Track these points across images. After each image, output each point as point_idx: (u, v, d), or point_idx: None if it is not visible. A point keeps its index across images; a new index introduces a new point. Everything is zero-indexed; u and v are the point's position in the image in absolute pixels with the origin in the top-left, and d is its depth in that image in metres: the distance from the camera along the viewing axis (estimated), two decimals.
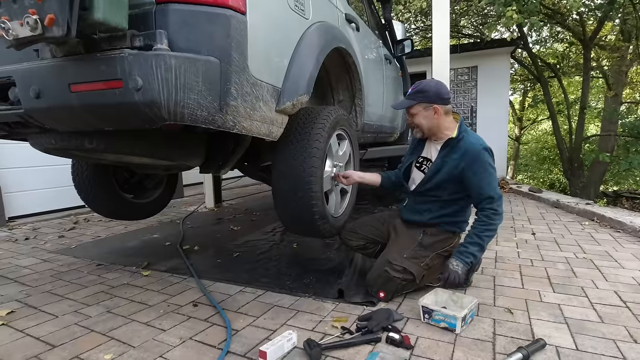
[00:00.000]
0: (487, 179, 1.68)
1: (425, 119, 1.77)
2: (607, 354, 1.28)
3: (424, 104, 1.74)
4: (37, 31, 0.96)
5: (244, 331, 1.48)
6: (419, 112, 1.76)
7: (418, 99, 1.75)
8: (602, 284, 1.90)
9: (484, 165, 1.68)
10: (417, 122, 1.79)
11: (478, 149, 1.69)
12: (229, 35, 1.22)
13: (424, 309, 1.51)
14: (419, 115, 1.77)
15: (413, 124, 1.82)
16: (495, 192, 1.68)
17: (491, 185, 1.68)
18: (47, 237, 3.17)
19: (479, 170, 1.68)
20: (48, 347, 1.40)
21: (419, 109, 1.76)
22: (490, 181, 1.68)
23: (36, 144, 1.67)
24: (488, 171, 1.68)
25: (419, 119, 1.77)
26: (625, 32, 7.72)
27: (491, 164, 1.70)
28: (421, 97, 1.74)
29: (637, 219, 3.00)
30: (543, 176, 15.99)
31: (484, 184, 1.68)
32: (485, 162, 1.68)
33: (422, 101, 1.74)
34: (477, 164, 1.68)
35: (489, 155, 1.70)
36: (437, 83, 1.79)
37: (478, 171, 1.68)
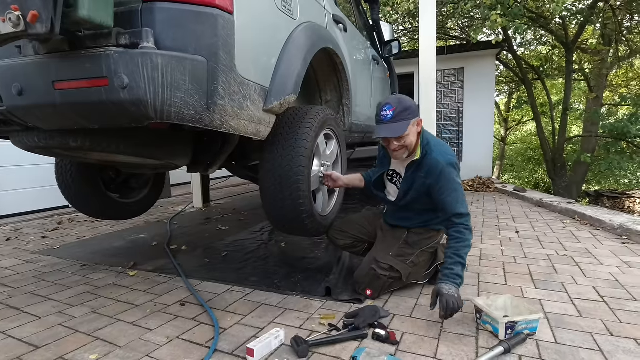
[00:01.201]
0: (453, 195, 1.59)
1: (414, 135, 1.65)
2: (585, 346, 1.33)
3: (413, 120, 1.62)
4: (19, 27, 0.95)
5: (231, 329, 1.48)
6: (410, 131, 1.62)
7: (409, 117, 1.60)
8: (582, 280, 1.96)
9: (449, 182, 1.60)
10: (408, 142, 1.64)
11: (442, 166, 1.61)
12: (216, 34, 1.22)
13: (507, 325, 1.39)
14: (411, 134, 1.63)
15: (402, 146, 1.65)
16: (463, 208, 1.59)
17: (459, 202, 1.59)
18: (29, 238, 3.11)
19: (445, 187, 1.60)
20: (31, 348, 1.38)
21: (411, 129, 1.61)
22: (456, 197, 1.59)
23: (18, 142, 1.64)
24: (453, 187, 1.60)
25: (410, 138, 1.63)
26: (605, 36, 7.96)
27: (456, 179, 1.62)
28: (410, 114, 1.60)
29: (616, 218, 3.10)
30: (528, 176, 16.34)
31: (452, 201, 1.59)
32: (450, 179, 1.61)
33: (413, 117, 1.61)
34: (442, 182, 1.61)
35: (453, 170, 1.63)
36: (404, 96, 1.70)
37: (444, 189, 1.61)
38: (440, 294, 1.44)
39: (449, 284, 1.47)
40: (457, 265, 1.53)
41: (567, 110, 8.33)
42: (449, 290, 1.45)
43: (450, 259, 1.54)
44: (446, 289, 1.45)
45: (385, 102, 1.64)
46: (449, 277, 1.50)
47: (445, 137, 7.33)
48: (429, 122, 3.11)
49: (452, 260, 1.53)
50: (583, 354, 1.28)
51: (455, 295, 1.44)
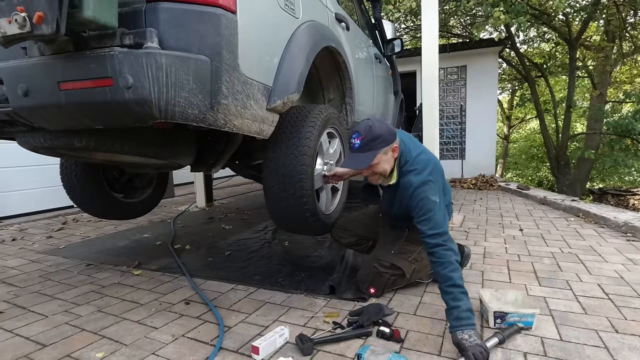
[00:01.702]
0: (424, 217, 1.47)
1: (387, 162, 1.58)
2: (590, 343, 1.33)
3: (384, 149, 1.54)
4: (25, 29, 0.96)
5: (236, 328, 1.49)
6: (380, 160, 1.55)
7: (378, 147, 1.52)
8: (586, 277, 1.96)
9: (420, 203, 1.49)
10: (379, 170, 1.58)
11: (413, 188, 1.51)
12: (219, 33, 1.23)
13: (496, 314, 1.41)
14: (382, 163, 1.56)
15: (374, 173, 1.60)
16: (437, 228, 1.44)
17: (431, 222, 1.45)
18: (34, 238, 3.13)
19: (416, 209, 1.50)
20: (38, 346, 1.39)
21: (380, 157, 1.54)
22: (429, 219, 1.46)
23: (24, 143, 1.66)
24: (426, 209, 1.47)
25: (381, 166, 1.57)
26: (609, 33, 7.90)
27: (430, 198, 1.49)
28: (379, 143, 1.52)
29: (620, 215, 3.08)
30: (531, 174, 16.28)
31: (424, 223, 1.47)
32: (420, 200, 1.49)
33: (383, 147, 1.53)
34: (413, 203, 1.51)
35: (426, 188, 1.50)
36: (377, 122, 1.58)
37: (415, 210, 1.50)
38: (463, 349, 1.24)
39: (465, 331, 1.27)
40: (458, 299, 1.34)
41: (571, 108, 8.30)
42: (469, 338, 1.25)
43: (448, 294, 1.36)
44: (466, 338, 1.26)
45: (355, 129, 1.57)
46: (460, 319, 1.30)
47: (448, 135, 7.32)
48: (432, 120, 3.11)
49: (451, 296, 1.35)
50: (588, 351, 1.28)
51: (477, 342, 1.25)
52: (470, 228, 3.10)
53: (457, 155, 7.23)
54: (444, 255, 1.39)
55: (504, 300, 1.56)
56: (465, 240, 2.74)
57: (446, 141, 7.34)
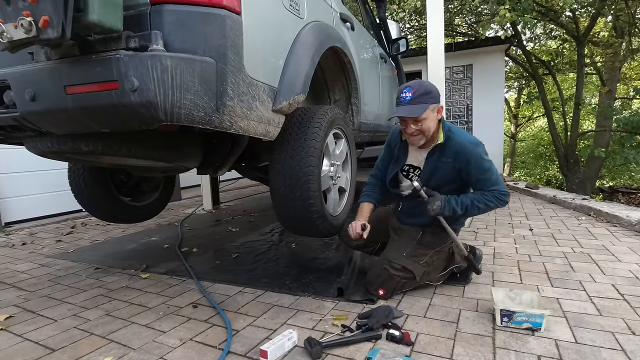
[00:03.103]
0: (487, 174, 1.63)
1: (432, 121, 1.62)
2: (606, 346, 1.29)
3: (432, 106, 1.59)
4: (31, 33, 0.96)
5: (244, 331, 1.48)
6: (428, 116, 1.59)
7: (429, 100, 1.57)
8: (600, 277, 1.91)
9: (480, 161, 1.62)
10: (425, 127, 1.61)
11: (469, 147, 1.62)
12: (224, 35, 1.22)
13: (503, 312, 1.42)
14: (429, 120, 1.59)
15: (419, 131, 1.62)
16: (499, 184, 1.64)
17: (491, 180, 1.64)
18: (44, 242, 3.16)
19: (477, 168, 1.63)
20: (48, 351, 1.39)
21: (429, 113, 1.58)
22: (490, 176, 1.64)
23: (32, 147, 1.66)
24: (486, 167, 1.63)
25: (428, 123, 1.60)
26: (618, 29, 7.78)
27: (486, 158, 1.64)
28: (430, 98, 1.58)
29: (633, 213, 3.02)
30: (540, 173, 16.08)
31: (486, 179, 1.64)
32: (480, 158, 1.62)
33: (432, 102, 1.58)
34: (472, 163, 1.62)
35: (481, 150, 1.64)
36: (428, 82, 1.69)
37: (476, 169, 1.63)
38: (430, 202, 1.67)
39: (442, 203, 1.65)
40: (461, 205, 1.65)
41: (579, 105, 8.18)
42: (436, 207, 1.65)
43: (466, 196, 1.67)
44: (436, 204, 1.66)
45: (406, 84, 1.64)
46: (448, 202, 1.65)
47: None
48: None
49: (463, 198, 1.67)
50: (605, 354, 1.25)
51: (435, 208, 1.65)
52: (479, 228, 3.06)
53: None
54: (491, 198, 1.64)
55: (519, 300, 1.53)
56: (474, 240, 2.70)
57: None
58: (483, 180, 1.64)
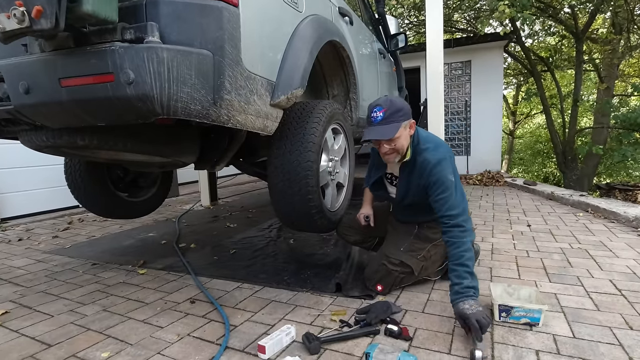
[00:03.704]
0: (442, 196, 1.49)
1: (405, 139, 1.56)
2: (604, 341, 1.29)
3: (405, 123, 1.52)
4: (24, 23, 0.94)
5: (242, 326, 1.47)
6: (401, 134, 1.52)
7: (400, 119, 1.51)
8: (598, 273, 1.92)
9: (438, 181, 1.51)
10: (399, 145, 1.55)
11: (431, 165, 1.53)
12: (221, 27, 1.20)
13: (501, 307, 1.41)
14: (402, 138, 1.54)
15: (393, 150, 1.56)
16: (455, 209, 1.47)
17: (448, 202, 1.48)
18: (40, 238, 3.14)
19: (434, 187, 1.52)
20: (44, 346, 1.38)
21: (402, 131, 1.52)
22: (446, 198, 1.48)
23: (27, 141, 1.64)
24: (444, 187, 1.49)
25: (401, 141, 1.54)
26: (616, 25, 7.77)
27: (447, 177, 1.51)
28: (401, 116, 1.51)
29: (630, 210, 3.03)
30: (537, 169, 16.14)
31: (442, 202, 1.49)
32: (439, 178, 1.51)
33: (404, 120, 1.52)
34: (431, 181, 1.53)
35: (444, 167, 1.52)
36: (396, 97, 1.61)
37: (433, 189, 1.52)
38: (466, 317, 1.28)
39: (466, 300, 1.32)
40: (464, 276, 1.38)
41: (578, 102, 8.18)
42: (471, 307, 1.29)
43: (453, 271, 1.40)
44: (467, 307, 1.29)
45: (375, 103, 1.55)
46: (460, 293, 1.35)
47: (452, 131, 7.25)
48: (437, 116, 3.06)
49: (457, 273, 1.39)
50: (602, 348, 1.25)
51: (479, 308, 1.29)
52: (477, 224, 3.06)
53: (462, 152, 7.17)
54: (459, 236, 1.43)
55: (517, 296, 1.53)
56: None
57: (451, 137, 7.28)
58: (440, 200, 1.49)
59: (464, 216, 1.47)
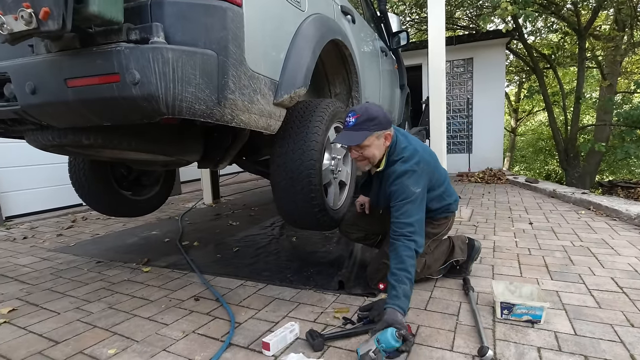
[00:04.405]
0: (398, 204, 1.48)
1: (377, 148, 1.55)
2: (605, 338, 1.30)
3: (377, 133, 1.52)
4: (31, 25, 0.95)
5: (246, 324, 1.49)
6: (372, 143, 1.53)
7: (372, 128, 1.50)
8: (599, 270, 1.92)
9: (400, 190, 1.49)
10: (368, 154, 1.55)
11: (395, 175, 1.52)
12: (225, 27, 1.21)
13: (503, 304, 1.43)
14: (372, 147, 1.53)
15: (363, 157, 1.57)
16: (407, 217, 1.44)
17: (403, 210, 1.46)
18: (45, 236, 3.16)
19: (393, 195, 1.51)
20: (51, 343, 1.40)
21: (371, 140, 1.52)
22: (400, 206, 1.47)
23: (33, 141, 1.66)
24: (404, 195, 1.47)
25: (371, 150, 1.54)
26: (619, 22, 7.74)
27: (410, 187, 1.48)
28: (374, 125, 1.50)
29: (632, 207, 3.03)
30: (539, 167, 16.11)
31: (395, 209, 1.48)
32: (399, 187, 1.49)
33: (377, 129, 1.51)
34: (394, 189, 1.52)
35: (409, 177, 1.50)
36: (375, 106, 1.58)
37: (394, 196, 1.51)
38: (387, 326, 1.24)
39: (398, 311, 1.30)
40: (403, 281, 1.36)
41: (580, 99, 8.15)
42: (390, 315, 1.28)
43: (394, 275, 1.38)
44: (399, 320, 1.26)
45: (352, 108, 1.57)
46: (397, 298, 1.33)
47: (454, 129, 7.25)
48: (439, 113, 3.07)
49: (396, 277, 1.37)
50: (604, 345, 1.26)
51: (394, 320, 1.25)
52: (479, 222, 3.07)
53: (464, 149, 7.17)
54: (406, 244, 1.41)
55: (519, 293, 1.54)
56: (474, 234, 2.71)
57: (453, 135, 7.27)
58: (395, 206, 1.48)
59: (413, 227, 1.43)
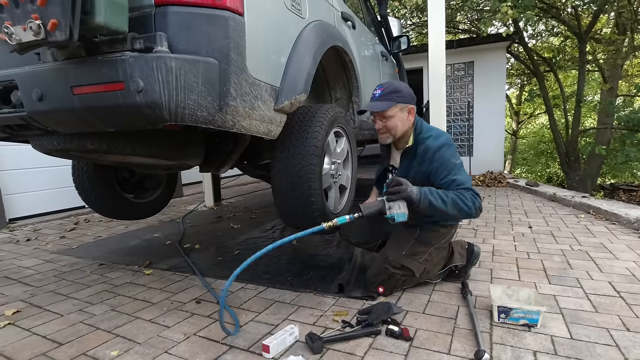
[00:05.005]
0: (450, 176, 1.58)
1: (400, 121, 1.68)
2: (601, 342, 1.32)
3: (401, 105, 1.65)
4: (40, 36, 0.98)
5: (246, 326, 1.51)
6: (395, 114, 1.66)
7: (395, 99, 1.64)
8: (597, 275, 1.94)
9: (443, 165, 1.60)
10: (391, 125, 1.67)
11: (433, 150, 1.62)
12: (227, 36, 1.24)
13: (500, 308, 1.45)
14: (395, 118, 1.66)
15: (385, 127, 1.69)
16: (465, 183, 1.57)
17: (458, 180, 1.58)
18: (48, 238, 3.19)
19: (440, 171, 1.61)
20: (55, 344, 1.42)
21: (395, 111, 1.65)
22: (453, 177, 1.58)
23: (38, 145, 1.69)
24: (449, 168, 1.59)
25: (394, 121, 1.67)
26: (620, 25, 7.75)
27: (451, 160, 1.60)
28: (398, 97, 1.64)
29: (632, 211, 3.04)
30: (541, 170, 16.08)
31: (449, 180, 1.59)
32: (447, 159, 1.60)
33: (400, 101, 1.65)
34: (436, 164, 1.61)
35: (446, 150, 1.61)
36: (402, 83, 1.73)
37: (439, 172, 1.61)
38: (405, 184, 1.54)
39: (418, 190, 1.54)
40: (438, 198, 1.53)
41: (581, 102, 8.16)
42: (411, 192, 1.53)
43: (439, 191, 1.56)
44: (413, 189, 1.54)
45: (380, 84, 1.73)
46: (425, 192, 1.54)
47: (455, 132, 7.26)
48: (439, 117, 3.09)
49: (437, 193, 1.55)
50: (599, 349, 1.27)
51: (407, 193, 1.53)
52: (479, 225, 3.09)
53: (464, 152, 7.18)
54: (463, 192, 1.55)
55: (516, 297, 1.56)
56: (473, 237, 2.72)
57: (454, 138, 7.29)
58: (450, 179, 1.58)
59: (472, 190, 1.57)
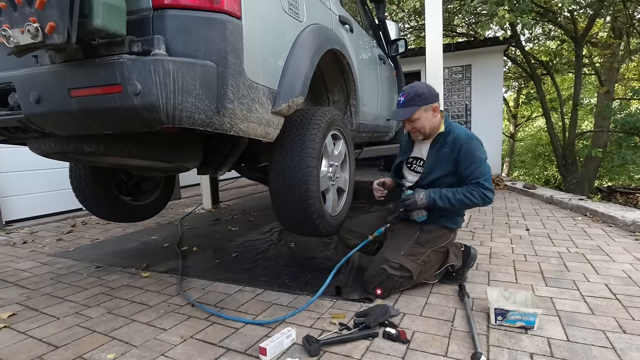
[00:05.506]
0: (473, 166, 1.72)
1: (427, 120, 1.80)
2: (597, 344, 1.32)
3: (424, 107, 1.77)
4: (38, 38, 0.98)
5: (243, 329, 1.51)
6: (420, 116, 1.78)
7: (419, 103, 1.76)
8: (594, 277, 1.95)
9: (471, 154, 1.73)
10: (419, 126, 1.81)
11: (463, 140, 1.75)
12: (225, 39, 1.25)
13: (497, 311, 1.46)
14: (422, 119, 1.79)
15: (414, 129, 1.83)
16: (483, 175, 1.71)
17: (478, 170, 1.72)
18: (45, 241, 3.18)
19: (466, 159, 1.74)
20: (51, 347, 1.42)
21: (420, 113, 1.78)
22: (477, 168, 1.72)
23: (35, 148, 1.69)
24: (474, 159, 1.73)
25: (421, 122, 1.80)
26: (616, 29, 7.82)
27: (477, 153, 1.74)
28: (420, 100, 1.76)
29: (628, 214, 3.05)
30: (538, 172, 16.13)
31: (471, 169, 1.73)
32: (471, 152, 1.73)
33: (422, 104, 1.77)
34: (463, 154, 1.74)
35: (476, 143, 1.75)
36: (424, 84, 1.84)
37: (465, 160, 1.74)
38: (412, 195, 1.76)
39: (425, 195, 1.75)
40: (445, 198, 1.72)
41: (578, 105, 8.21)
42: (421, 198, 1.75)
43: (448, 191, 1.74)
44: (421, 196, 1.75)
45: (404, 88, 1.84)
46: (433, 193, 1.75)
47: None
48: None
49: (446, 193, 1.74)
50: (595, 351, 1.28)
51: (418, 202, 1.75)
52: (476, 228, 3.09)
53: None
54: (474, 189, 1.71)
55: (513, 300, 1.56)
56: (471, 240, 2.73)
57: None
58: (471, 170, 1.72)
59: (488, 182, 1.72)
